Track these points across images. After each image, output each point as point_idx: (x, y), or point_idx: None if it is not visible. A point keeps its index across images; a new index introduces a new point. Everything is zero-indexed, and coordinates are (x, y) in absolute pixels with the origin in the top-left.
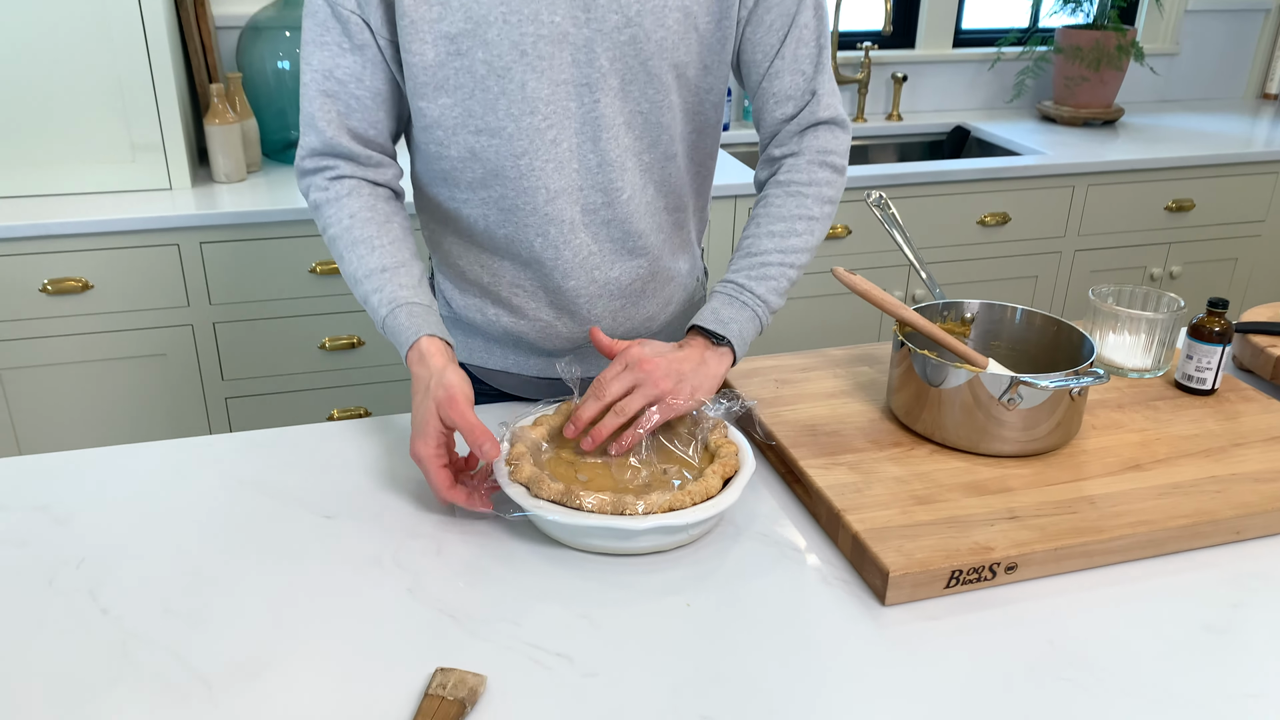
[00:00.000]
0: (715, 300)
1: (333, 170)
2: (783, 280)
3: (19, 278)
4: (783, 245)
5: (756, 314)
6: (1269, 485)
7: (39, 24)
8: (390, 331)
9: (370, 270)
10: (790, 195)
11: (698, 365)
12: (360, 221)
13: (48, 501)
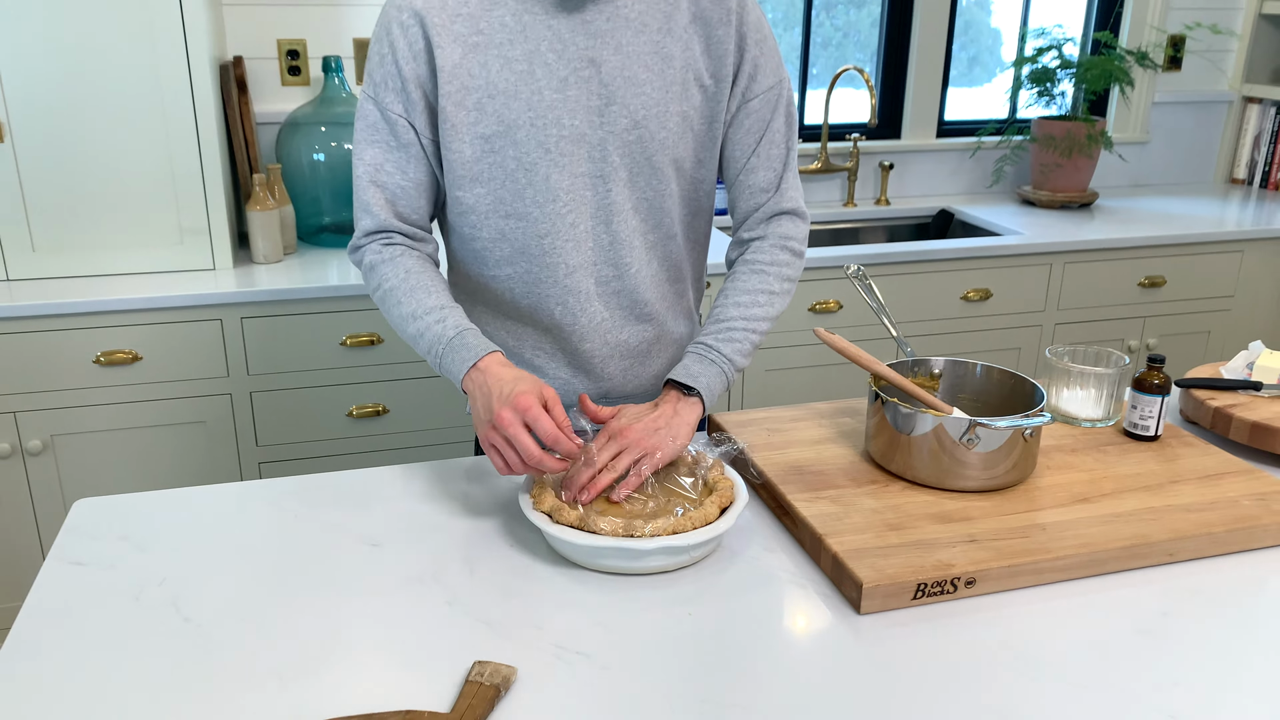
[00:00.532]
0: (688, 358)
1: (386, 239)
2: (746, 343)
3: (74, 350)
4: (747, 314)
5: (723, 370)
6: (1200, 514)
7: (104, 120)
8: (454, 349)
9: (430, 308)
10: (755, 273)
11: (672, 417)
12: (416, 273)
13: (129, 533)
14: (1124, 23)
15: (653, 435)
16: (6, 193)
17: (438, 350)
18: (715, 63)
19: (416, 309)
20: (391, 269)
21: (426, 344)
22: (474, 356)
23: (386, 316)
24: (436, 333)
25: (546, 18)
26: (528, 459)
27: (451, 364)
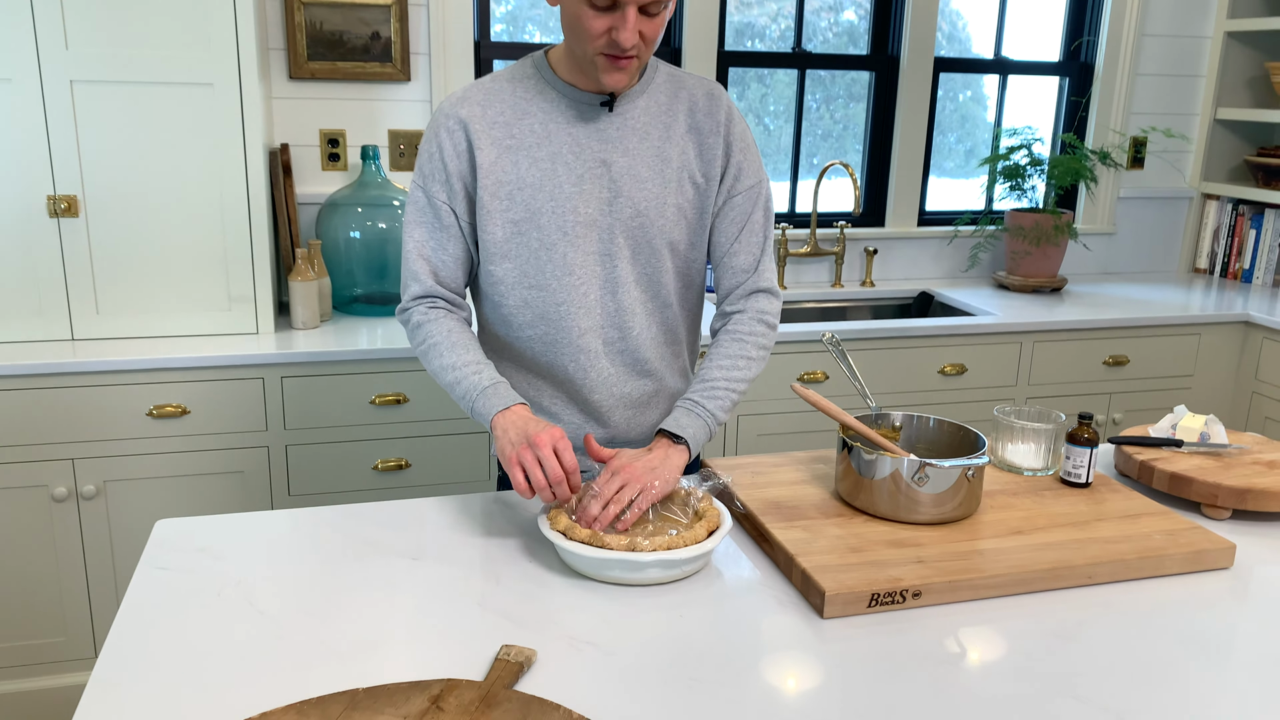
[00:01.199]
0: (677, 411)
1: (431, 303)
2: (727, 400)
3: (128, 403)
4: (728, 375)
5: (707, 423)
6: (1116, 545)
7: (167, 198)
8: (487, 396)
9: (466, 361)
10: (735, 341)
11: (663, 460)
12: (455, 332)
13: (206, 546)
14: (1089, 125)
15: (649, 473)
16: (78, 261)
17: (472, 395)
18: (706, 165)
19: (455, 362)
20: (435, 328)
21: (462, 390)
22: (505, 404)
23: (427, 366)
24: (472, 382)
25: (568, 126)
26: (551, 476)
27: (484, 407)
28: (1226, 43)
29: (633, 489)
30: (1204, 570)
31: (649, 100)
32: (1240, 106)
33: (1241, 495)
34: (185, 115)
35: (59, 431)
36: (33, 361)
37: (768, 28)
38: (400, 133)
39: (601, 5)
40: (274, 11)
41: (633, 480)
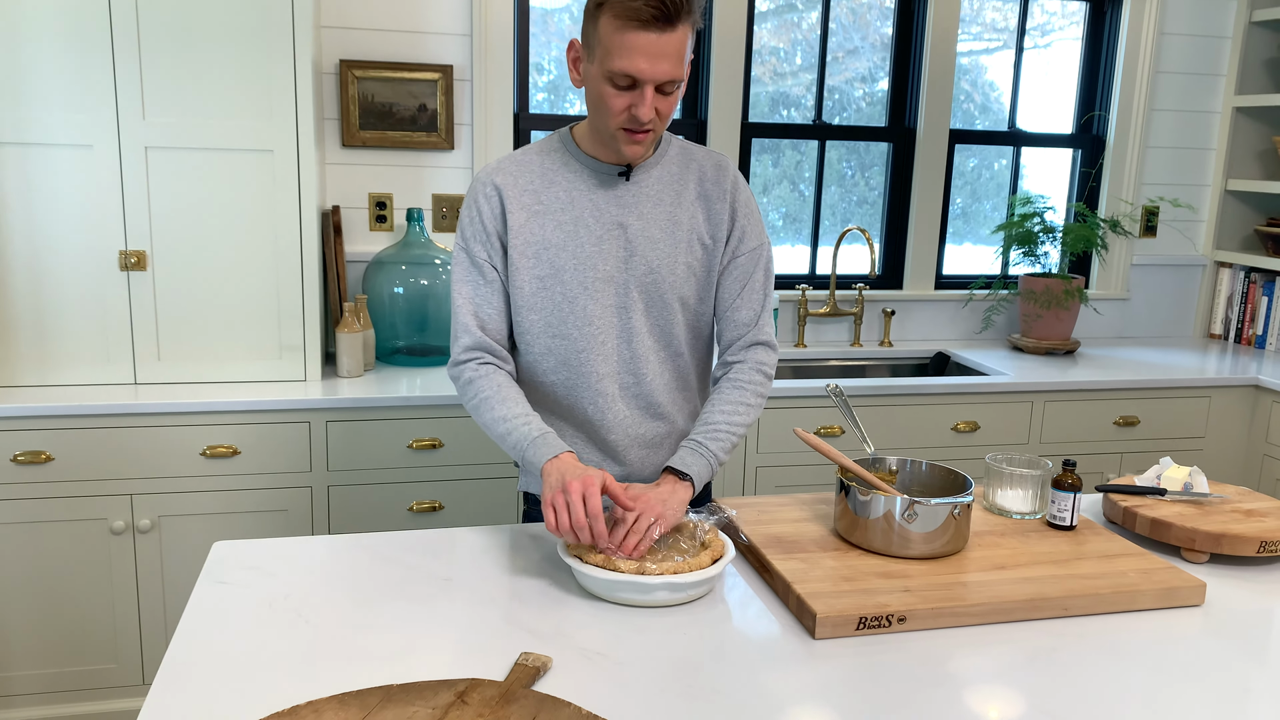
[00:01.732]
0: (683, 451)
1: (482, 359)
2: (727, 442)
3: (184, 444)
4: (730, 419)
5: (709, 462)
6: (1092, 580)
7: (227, 255)
8: (534, 446)
9: (518, 414)
10: (736, 388)
11: (670, 495)
12: (505, 387)
13: (258, 564)
14: (1101, 194)
15: (660, 505)
16: (143, 311)
17: (523, 445)
18: (713, 228)
19: (506, 414)
20: (486, 383)
21: (514, 440)
22: (554, 453)
23: (478, 419)
24: (523, 433)
25: (589, 193)
26: (575, 519)
27: (534, 456)
28: (1235, 117)
29: (646, 518)
30: (1176, 606)
31: (662, 170)
32: (1250, 178)
33: (1217, 539)
34: (247, 179)
35: (120, 468)
36: (98, 403)
37: (802, 97)
38: (443, 197)
39: (623, 85)
40: (330, 84)
41: (646, 510)
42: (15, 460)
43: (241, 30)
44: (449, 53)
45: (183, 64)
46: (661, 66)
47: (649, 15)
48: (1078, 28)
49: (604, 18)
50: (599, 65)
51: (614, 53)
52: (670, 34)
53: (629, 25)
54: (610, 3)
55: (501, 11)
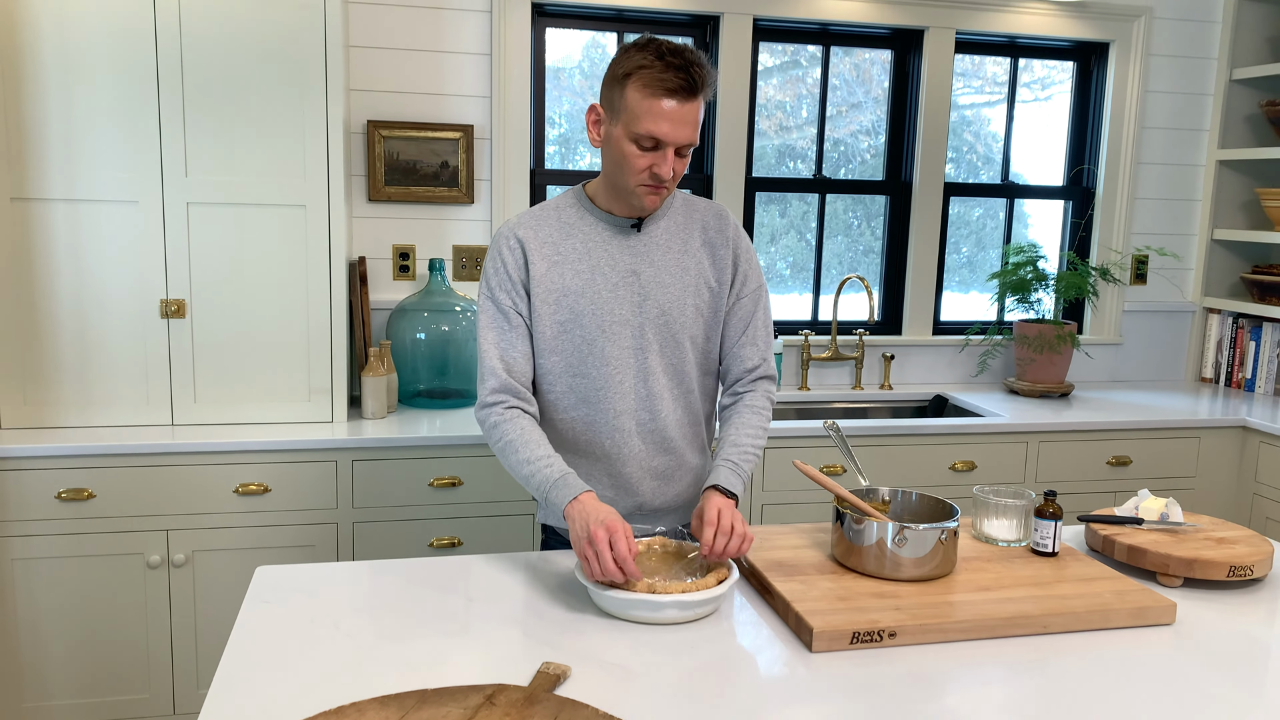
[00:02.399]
0: (722, 469)
1: (508, 403)
2: (753, 461)
3: (218, 482)
4: (753, 441)
5: (744, 479)
6: (1071, 600)
7: (261, 303)
8: (560, 486)
9: (540, 456)
10: (754, 414)
11: (733, 511)
12: (529, 431)
13: (300, 587)
14: (1092, 243)
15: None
16: (183, 357)
17: (545, 487)
18: (718, 272)
19: (530, 456)
20: (511, 427)
21: (537, 482)
22: (574, 493)
23: (504, 461)
24: (545, 475)
25: (605, 243)
26: (605, 569)
27: (557, 497)
28: (1219, 170)
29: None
30: (1148, 625)
31: (669, 222)
32: (1235, 228)
33: (1189, 564)
34: (281, 232)
35: (158, 505)
36: (137, 442)
37: (807, 149)
38: (463, 248)
39: (647, 146)
40: (358, 143)
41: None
42: (59, 497)
43: (277, 93)
44: (470, 113)
45: (222, 125)
46: (683, 131)
47: (675, 86)
48: (1067, 84)
49: (631, 86)
50: (624, 128)
51: (641, 117)
52: (691, 104)
53: (656, 94)
54: (638, 74)
55: (519, 75)
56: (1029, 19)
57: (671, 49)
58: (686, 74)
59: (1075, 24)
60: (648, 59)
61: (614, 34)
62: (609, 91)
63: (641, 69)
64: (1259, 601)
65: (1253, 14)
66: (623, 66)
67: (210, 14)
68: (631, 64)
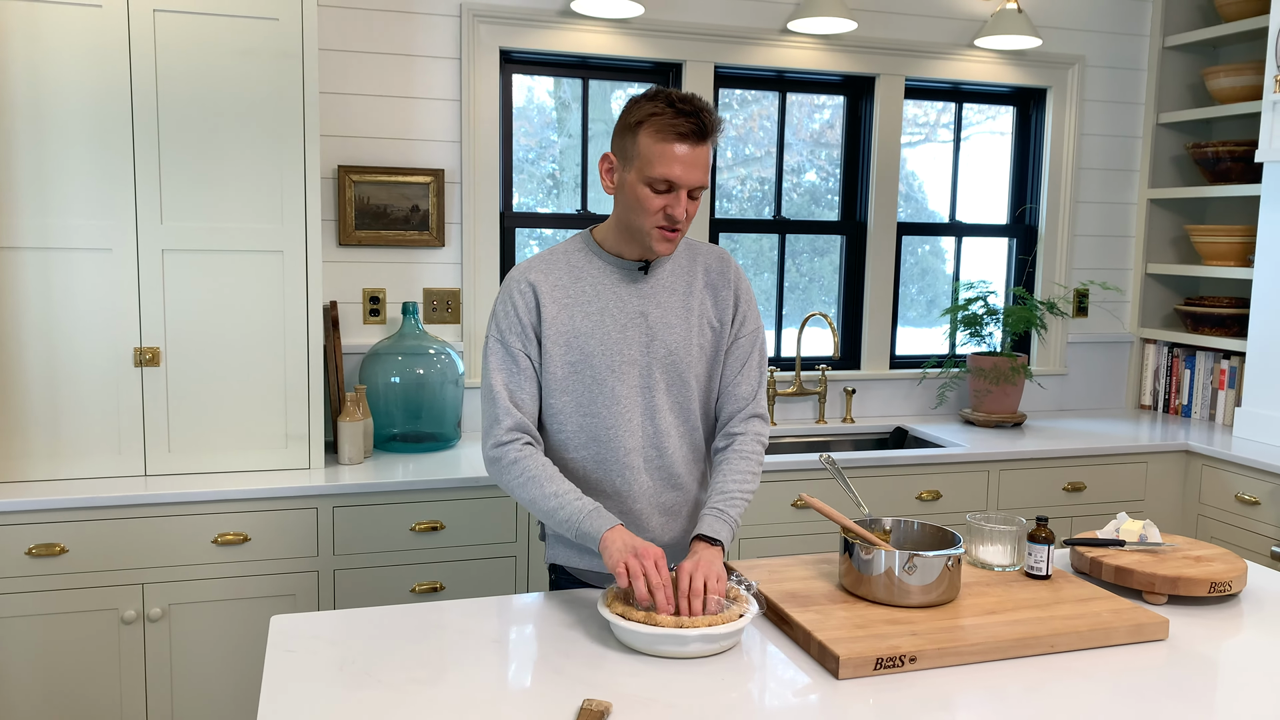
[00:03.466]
0: (708, 519)
1: (523, 440)
2: (742, 506)
3: (194, 533)
4: (742, 487)
5: (731, 527)
6: (1073, 620)
7: (236, 351)
8: (590, 518)
9: (567, 489)
10: (743, 459)
11: (712, 560)
12: (549, 467)
13: (318, 634)
14: (1037, 278)
15: (710, 566)
16: (157, 406)
17: (579, 518)
18: (720, 313)
19: (557, 490)
20: (532, 462)
21: (567, 514)
22: (610, 524)
23: (525, 493)
24: (577, 506)
25: (614, 286)
26: (652, 583)
27: (592, 527)
28: (1150, 208)
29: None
30: (1144, 641)
31: (673, 265)
32: (1167, 262)
33: (1174, 583)
34: (257, 278)
35: (132, 558)
36: (110, 494)
37: (770, 191)
38: (434, 290)
39: (661, 189)
40: (329, 188)
41: (709, 574)
42: (29, 553)
43: (254, 140)
44: (440, 158)
45: (198, 172)
46: (694, 174)
47: (686, 130)
48: (1009, 127)
49: (644, 133)
50: (638, 173)
51: (654, 161)
52: (701, 148)
53: (668, 139)
54: (650, 120)
55: (488, 120)
56: (973, 66)
57: (681, 97)
58: (697, 119)
59: (1015, 71)
60: (659, 107)
61: (579, 80)
62: (621, 140)
63: (653, 116)
64: (1239, 615)
65: (1175, 63)
66: (634, 115)
67: (186, 60)
68: (643, 112)
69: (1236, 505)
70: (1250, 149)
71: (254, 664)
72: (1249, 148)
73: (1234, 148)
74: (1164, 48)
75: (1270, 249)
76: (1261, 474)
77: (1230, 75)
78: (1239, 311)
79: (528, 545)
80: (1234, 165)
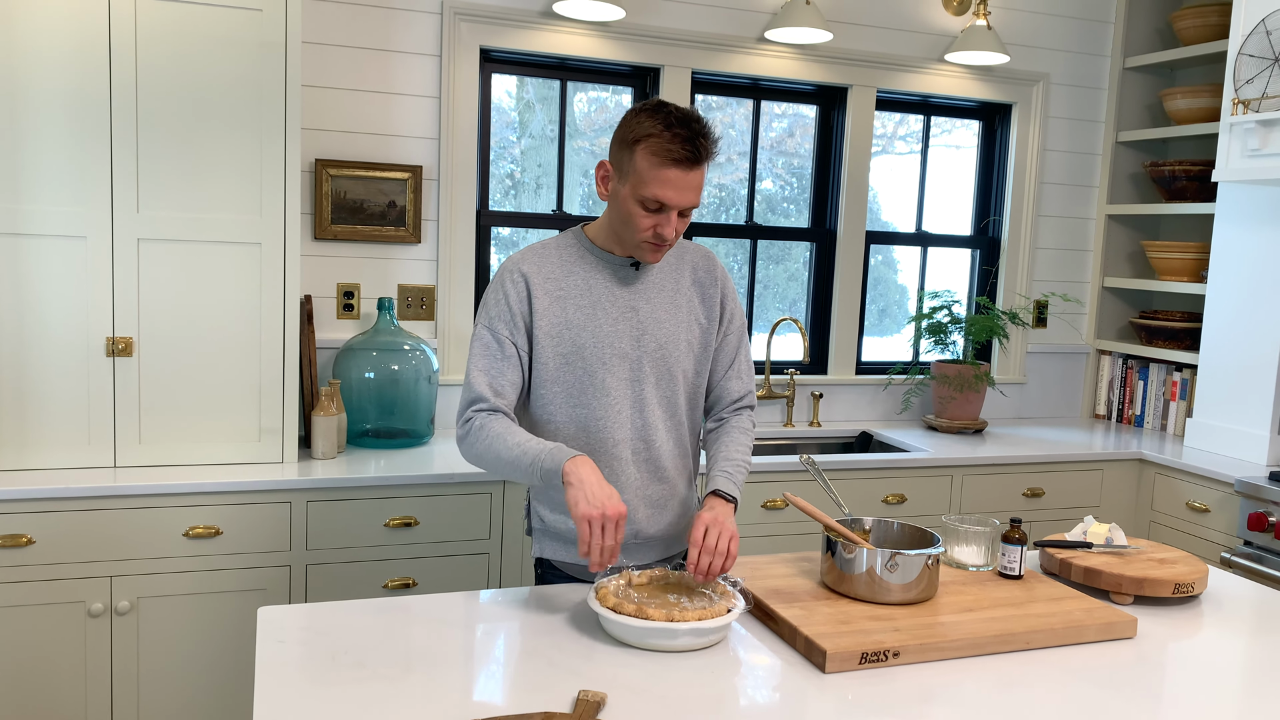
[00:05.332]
0: (719, 477)
1: (489, 406)
2: (744, 474)
3: (167, 525)
4: (744, 456)
5: (739, 488)
6: (1047, 618)
7: (212, 342)
8: (552, 455)
9: (528, 439)
10: (742, 433)
11: (727, 516)
12: (513, 424)
13: (307, 625)
14: (999, 289)
15: (729, 524)
16: (128, 396)
17: (541, 456)
18: (708, 309)
19: (519, 440)
20: (495, 421)
21: (530, 458)
22: (572, 455)
23: (490, 452)
24: (537, 448)
25: (605, 281)
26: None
27: (552, 461)
28: (1108, 223)
29: (725, 537)
30: (1113, 639)
31: (662, 263)
32: (1123, 276)
33: (1140, 584)
34: (234, 269)
35: (101, 551)
36: (79, 485)
37: (742, 195)
38: (409, 287)
39: (652, 209)
40: (305, 181)
41: (724, 531)
42: None
43: (235, 130)
44: (418, 154)
45: (177, 161)
46: (687, 196)
47: (681, 156)
48: (974, 141)
49: (640, 152)
50: (631, 189)
51: (648, 182)
52: (695, 171)
53: (664, 163)
54: (648, 141)
55: (467, 118)
56: (942, 80)
57: (680, 118)
58: (693, 145)
59: (982, 86)
60: (657, 127)
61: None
62: (618, 153)
63: (650, 137)
64: (1201, 615)
65: (1134, 83)
66: (633, 132)
67: (167, 47)
68: (642, 130)
69: (1187, 512)
70: (1205, 169)
71: (223, 659)
72: (1204, 167)
73: (1189, 167)
74: (1124, 68)
75: (1223, 265)
76: (1211, 482)
77: (1187, 97)
78: (1191, 325)
79: (501, 543)
80: (1189, 184)
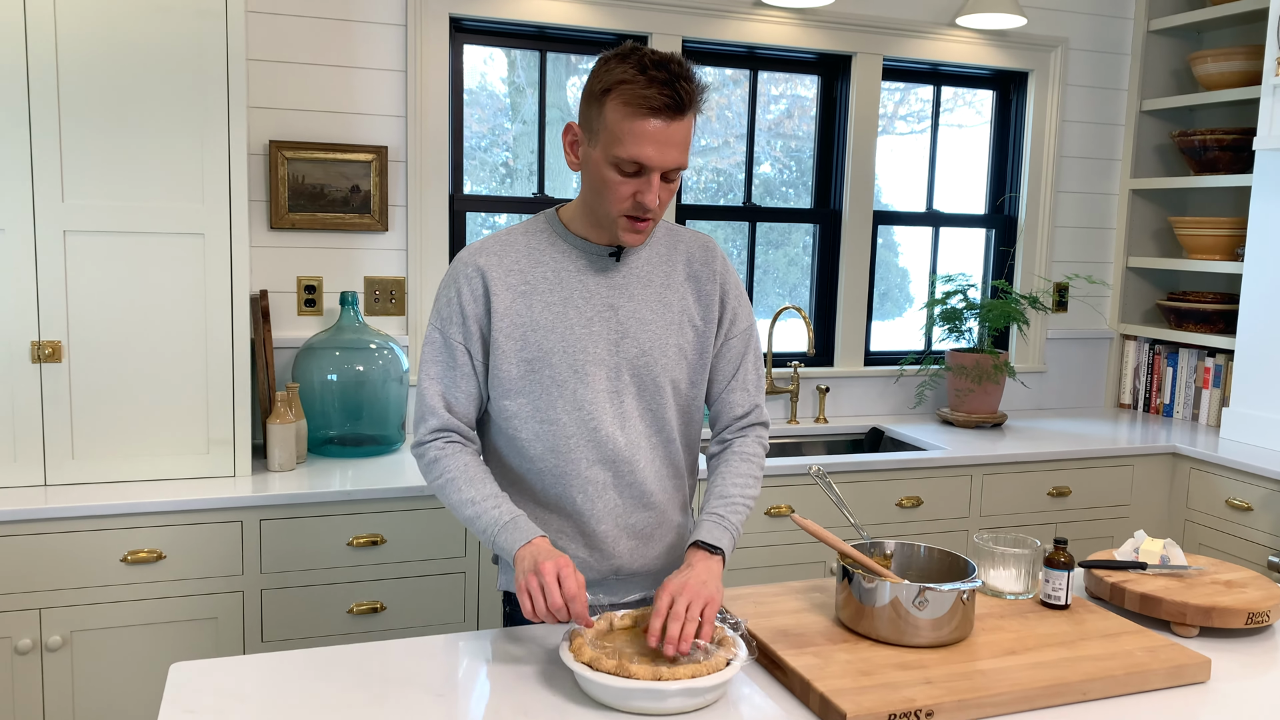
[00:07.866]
0: (707, 525)
1: (448, 438)
2: (744, 513)
3: (102, 550)
4: (744, 492)
5: (733, 535)
6: (1104, 662)
7: (152, 344)
8: (508, 530)
9: (487, 495)
10: (745, 461)
11: (708, 575)
12: (473, 467)
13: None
14: (1016, 272)
15: (704, 587)
16: (57, 406)
17: (493, 530)
18: (704, 309)
19: (474, 496)
20: (452, 462)
21: (483, 524)
22: (526, 538)
23: (445, 500)
24: (493, 516)
25: (578, 274)
26: (551, 602)
27: (506, 542)
28: (1132, 199)
29: (698, 603)
30: (1184, 684)
31: (650, 251)
32: (1148, 255)
33: (1207, 613)
34: (175, 264)
35: (27, 581)
36: (4, 508)
37: (740, 176)
38: (376, 279)
39: (629, 172)
40: (258, 165)
41: (696, 597)
42: None
43: (171, 109)
44: (383, 134)
45: (106, 144)
46: (670, 154)
47: (660, 104)
48: (988, 112)
49: (611, 103)
50: (603, 150)
51: (622, 139)
52: (679, 122)
53: (639, 113)
54: (618, 89)
55: (437, 93)
56: (953, 46)
57: (656, 60)
58: (673, 89)
59: (996, 53)
60: (629, 72)
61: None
62: (587, 109)
63: (622, 84)
64: (1277, 649)
65: (1159, 47)
66: (601, 81)
67: (91, 18)
68: (611, 78)
69: (1227, 510)
70: (1240, 137)
71: None
72: (1238, 136)
73: (1222, 136)
74: (1149, 31)
75: (1262, 242)
76: (1254, 478)
77: (1218, 60)
78: (1224, 307)
79: (478, 561)
80: (1221, 155)
